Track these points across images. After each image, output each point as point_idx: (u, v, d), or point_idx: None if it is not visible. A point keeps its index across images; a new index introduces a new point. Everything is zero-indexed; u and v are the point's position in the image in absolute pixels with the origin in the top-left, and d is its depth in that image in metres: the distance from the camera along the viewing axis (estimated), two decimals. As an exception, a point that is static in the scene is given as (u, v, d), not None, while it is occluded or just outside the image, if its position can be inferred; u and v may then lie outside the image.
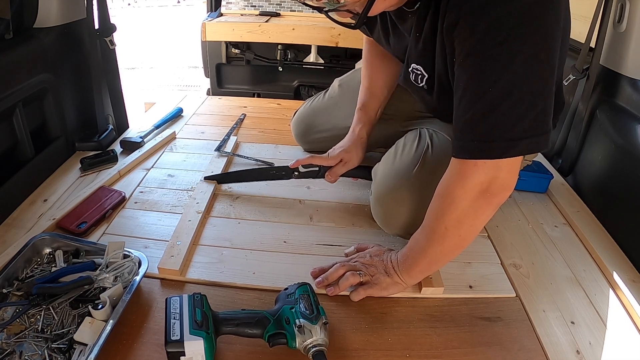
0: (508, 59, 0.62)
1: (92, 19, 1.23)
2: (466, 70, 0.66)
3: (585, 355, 0.71)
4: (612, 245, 0.97)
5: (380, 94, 1.07)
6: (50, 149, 1.16)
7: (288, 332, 0.66)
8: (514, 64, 0.62)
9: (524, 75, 0.62)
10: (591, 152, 1.15)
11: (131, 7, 8.82)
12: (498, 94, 0.63)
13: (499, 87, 0.63)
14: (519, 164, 0.69)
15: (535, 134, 0.65)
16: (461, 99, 0.67)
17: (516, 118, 0.64)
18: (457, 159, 0.70)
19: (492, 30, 0.61)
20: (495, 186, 0.67)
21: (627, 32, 1.04)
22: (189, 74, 4.63)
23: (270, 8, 2.35)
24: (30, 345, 0.66)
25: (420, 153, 0.91)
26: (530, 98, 0.63)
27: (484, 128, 0.65)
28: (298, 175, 1.06)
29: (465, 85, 0.67)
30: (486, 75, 0.64)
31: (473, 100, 0.65)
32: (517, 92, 0.63)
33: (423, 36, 0.77)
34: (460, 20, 0.64)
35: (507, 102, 0.63)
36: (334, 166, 1.05)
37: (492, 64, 0.63)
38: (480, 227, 0.73)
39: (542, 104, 0.64)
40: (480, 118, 0.65)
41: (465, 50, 0.65)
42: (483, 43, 0.63)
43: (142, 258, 0.79)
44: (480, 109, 0.65)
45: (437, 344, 0.73)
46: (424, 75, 0.83)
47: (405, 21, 0.81)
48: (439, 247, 0.74)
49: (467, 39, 0.64)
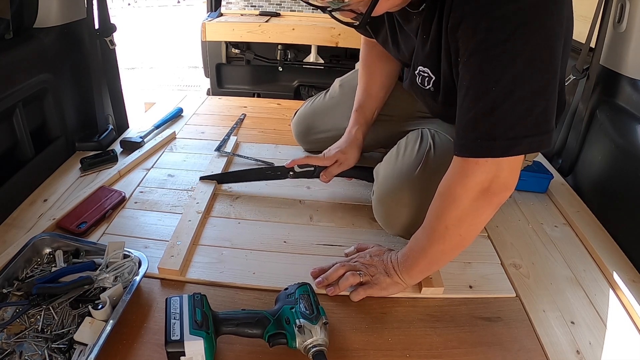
0: (510, 58, 0.62)
1: (92, 19, 1.23)
2: (469, 69, 0.66)
3: (585, 355, 0.72)
4: (612, 245, 0.97)
5: (377, 95, 1.07)
6: (50, 149, 1.16)
7: (288, 332, 0.66)
8: (517, 63, 0.62)
9: (526, 74, 0.62)
10: (591, 152, 1.15)
11: (131, 7, 8.81)
12: (500, 93, 0.63)
13: (501, 86, 0.63)
14: (520, 163, 0.69)
15: (537, 133, 0.65)
16: (464, 98, 0.67)
17: (518, 117, 0.64)
18: (458, 157, 0.70)
19: (495, 29, 0.61)
20: (496, 185, 0.67)
21: (627, 32, 1.04)
22: (189, 74, 4.63)
23: (270, 8, 2.35)
24: (30, 345, 0.66)
25: (423, 153, 0.90)
26: (532, 97, 0.63)
27: (486, 126, 0.65)
28: (293, 175, 1.06)
29: (468, 84, 0.67)
30: (488, 74, 0.64)
31: (475, 99, 0.66)
32: (519, 91, 0.63)
33: (430, 38, 0.77)
34: (463, 20, 0.64)
35: (509, 101, 0.63)
36: (329, 166, 1.05)
37: (495, 63, 0.63)
38: (480, 227, 0.73)
39: (544, 104, 0.64)
40: (482, 117, 0.65)
41: (468, 50, 0.65)
42: (486, 42, 0.63)
43: (142, 258, 0.79)
44: (482, 107, 0.65)
45: (437, 344, 0.73)
46: (430, 78, 0.83)
47: (410, 22, 0.81)
48: (439, 246, 0.74)
49: (471, 38, 0.64)
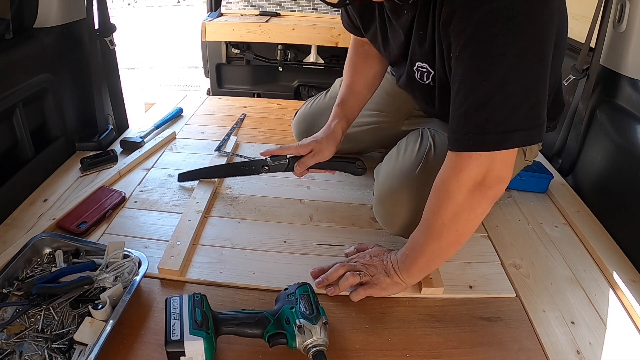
0: (501, 52, 0.62)
1: (92, 19, 1.23)
2: (461, 64, 0.67)
3: (585, 355, 0.71)
4: (612, 245, 0.97)
5: (360, 92, 1.06)
6: (50, 149, 1.16)
7: (288, 332, 0.66)
8: (507, 57, 0.62)
9: (517, 68, 0.63)
10: (591, 152, 1.15)
11: (131, 7, 8.81)
12: (491, 87, 0.63)
13: (492, 80, 0.63)
14: (514, 156, 0.69)
15: (529, 126, 0.65)
16: (457, 92, 0.68)
17: (509, 111, 0.64)
18: (452, 152, 0.70)
19: (486, 22, 0.62)
20: (491, 178, 0.68)
21: (627, 32, 1.04)
22: (189, 74, 4.63)
23: (270, 8, 2.35)
24: (30, 345, 0.66)
25: (423, 153, 0.90)
26: (524, 91, 0.63)
27: (478, 121, 0.65)
28: (268, 169, 1.04)
29: (460, 79, 0.67)
30: (480, 68, 0.64)
31: (467, 93, 0.66)
32: (510, 85, 0.63)
33: (427, 34, 0.77)
34: (455, 14, 0.65)
35: (500, 95, 0.63)
36: (303, 157, 1.01)
37: (486, 57, 0.63)
38: (477, 222, 0.72)
39: (536, 97, 0.65)
40: (473, 111, 0.65)
41: (460, 44, 0.66)
42: (476, 35, 0.63)
43: (142, 258, 0.79)
44: (473, 101, 0.65)
45: (437, 344, 0.73)
46: (430, 72, 0.83)
47: (400, 17, 0.81)
48: (437, 243, 0.74)
49: (462, 31, 0.65)
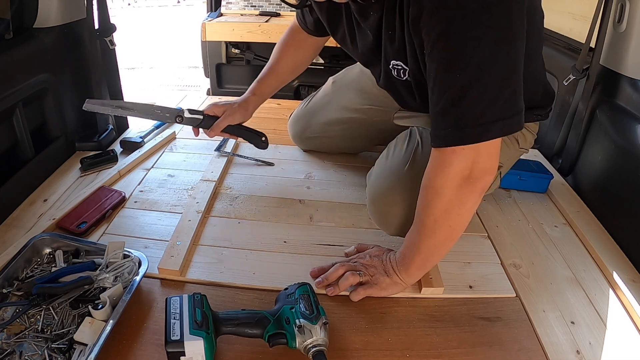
0: (473, 45, 0.62)
1: (92, 19, 1.23)
2: (434, 60, 0.67)
3: (585, 355, 0.71)
4: (612, 245, 0.97)
5: (281, 74, 1.15)
6: (50, 149, 1.16)
7: (288, 332, 0.66)
8: (480, 49, 0.62)
9: (490, 59, 0.63)
10: (591, 152, 1.15)
11: (131, 7, 8.82)
12: (467, 80, 0.63)
13: (467, 74, 0.63)
14: (498, 146, 0.69)
15: (507, 116, 0.65)
16: (433, 89, 0.68)
17: (487, 102, 0.64)
18: (435, 148, 0.70)
19: (456, 16, 0.62)
20: (477, 171, 0.68)
21: (627, 32, 1.04)
22: (189, 74, 4.63)
23: (270, 8, 2.35)
24: (30, 345, 0.66)
25: (411, 151, 0.90)
26: (499, 81, 0.64)
27: (456, 115, 0.66)
28: (181, 120, 1.06)
29: (435, 74, 0.67)
30: (453, 63, 0.64)
31: (443, 89, 0.66)
32: (485, 77, 0.63)
33: (396, 33, 0.77)
34: (424, 11, 0.65)
35: (476, 87, 0.63)
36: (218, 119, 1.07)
37: (459, 51, 0.63)
38: (468, 216, 0.72)
39: (512, 86, 0.65)
40: (450, 106, 0.66)
41: (431, 40, 0.66)
42: (448, 30, 0.63)
43: (142, 258, 0.79)
44: (450, 96, 0.65)
45: (437, 344, 0.73)
46: (405, 69, 0.83)
47: (367, 18, 0.81)
48: (431, 240, 0.74)
49: (433, 28, 0.65)
